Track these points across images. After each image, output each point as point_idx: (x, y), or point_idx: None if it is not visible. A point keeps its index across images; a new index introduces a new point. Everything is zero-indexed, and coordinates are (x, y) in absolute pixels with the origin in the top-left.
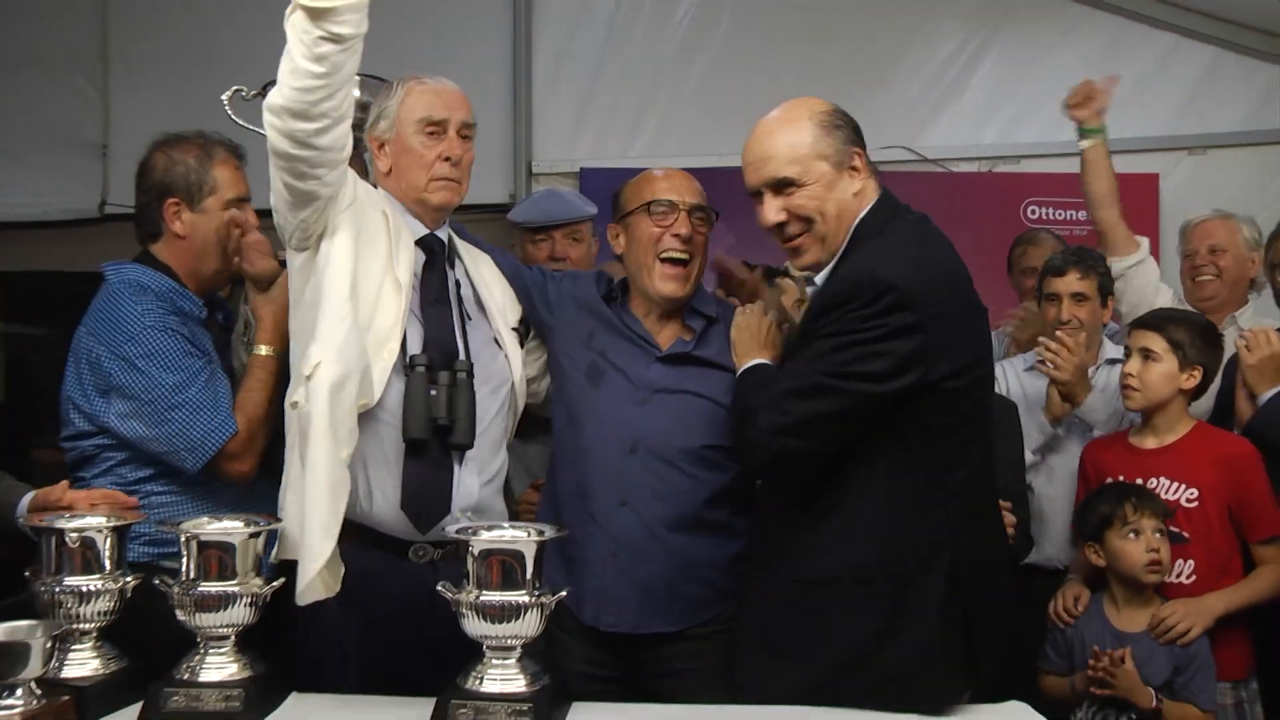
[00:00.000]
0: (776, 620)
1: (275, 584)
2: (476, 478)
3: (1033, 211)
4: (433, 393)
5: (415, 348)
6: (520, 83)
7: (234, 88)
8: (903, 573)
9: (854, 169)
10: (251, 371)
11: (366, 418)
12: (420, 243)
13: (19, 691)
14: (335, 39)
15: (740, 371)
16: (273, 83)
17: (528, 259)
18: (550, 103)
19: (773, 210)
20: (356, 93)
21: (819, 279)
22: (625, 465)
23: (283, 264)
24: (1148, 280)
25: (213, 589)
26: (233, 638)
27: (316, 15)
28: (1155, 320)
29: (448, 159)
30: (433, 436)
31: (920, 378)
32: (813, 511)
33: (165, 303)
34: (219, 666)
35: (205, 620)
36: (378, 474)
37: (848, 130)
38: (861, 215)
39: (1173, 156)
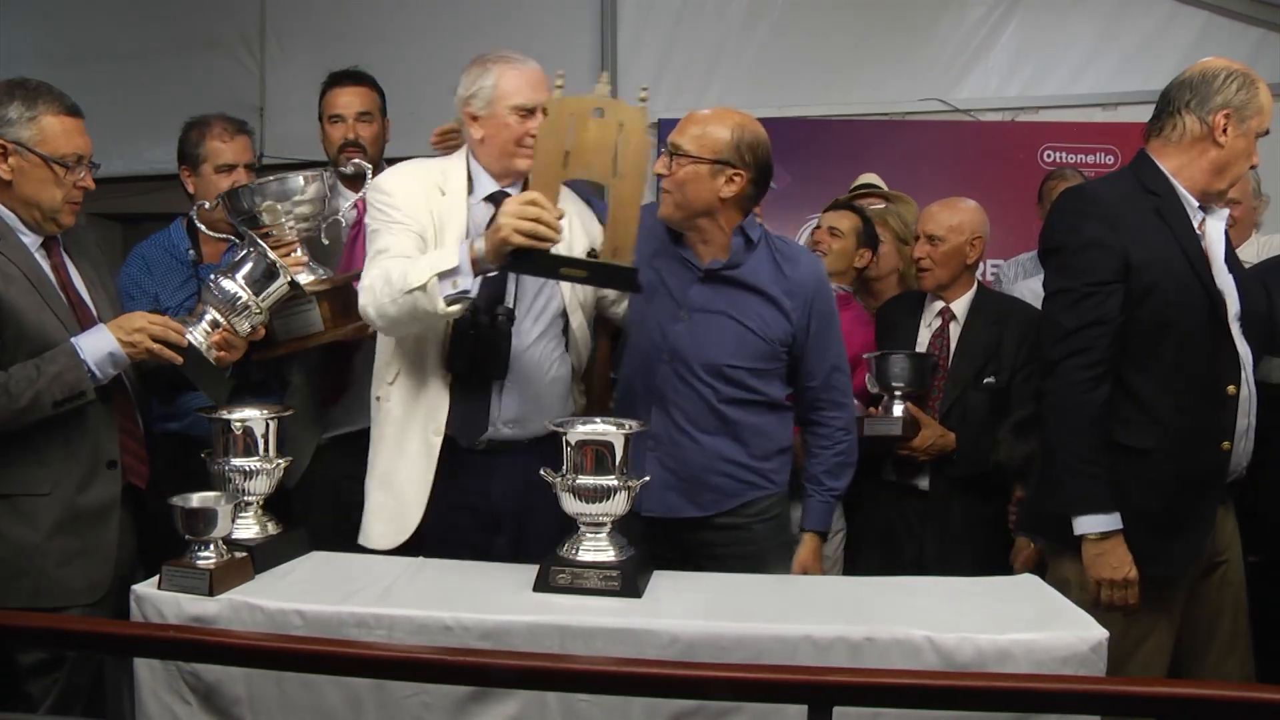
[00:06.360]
0: None
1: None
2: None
3: (1048, 155)
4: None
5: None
6: (607, 46)
7: (199, 203)
8: None
9: None
10: None
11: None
12: (490, 198)
13: (211, 547)
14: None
15: None
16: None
17: None
18: (633, 62)
19: None
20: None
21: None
22: (660, 372)
23: None
24: None
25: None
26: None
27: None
28: None
29: (531, 135)
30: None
31: None
32: None
33: None
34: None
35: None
36: None
37: None
38: None
39: None
